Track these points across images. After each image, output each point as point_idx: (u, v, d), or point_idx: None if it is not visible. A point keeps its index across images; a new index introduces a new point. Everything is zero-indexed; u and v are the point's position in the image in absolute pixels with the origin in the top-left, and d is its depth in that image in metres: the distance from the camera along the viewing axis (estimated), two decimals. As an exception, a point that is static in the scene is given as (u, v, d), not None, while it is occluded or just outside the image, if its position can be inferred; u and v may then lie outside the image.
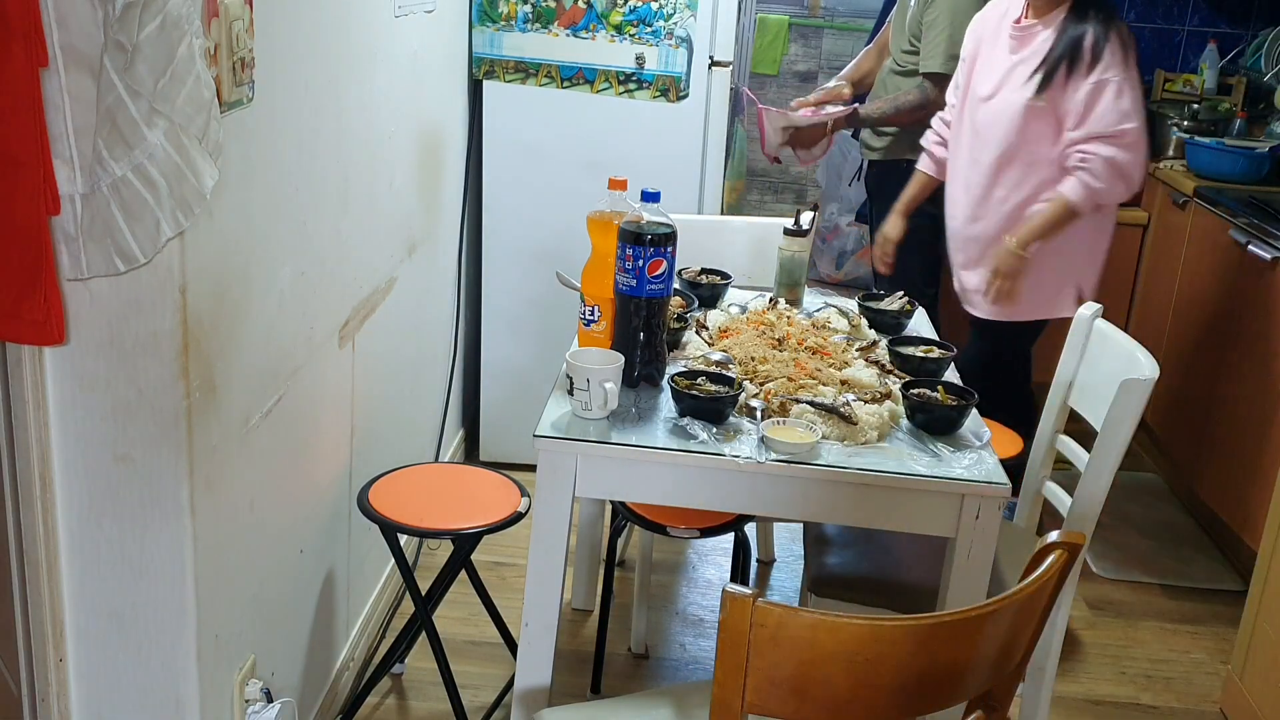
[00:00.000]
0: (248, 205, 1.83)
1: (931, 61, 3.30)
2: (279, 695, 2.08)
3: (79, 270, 1.56)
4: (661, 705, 1.89)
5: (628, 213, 2.12)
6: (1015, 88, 2.95)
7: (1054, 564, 1.41)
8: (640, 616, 2.86)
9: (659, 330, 2.14)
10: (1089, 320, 2.40)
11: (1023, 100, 2.93)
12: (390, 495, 2.35)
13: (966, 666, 1.38)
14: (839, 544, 2.40)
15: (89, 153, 1.50)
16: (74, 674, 1.80)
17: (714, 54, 3.39)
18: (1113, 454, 2.15)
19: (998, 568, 2.10)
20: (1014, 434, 2.93)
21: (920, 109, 3.32)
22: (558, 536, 1.99)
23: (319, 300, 2.21)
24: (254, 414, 1.93)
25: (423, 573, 2.90)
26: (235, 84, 1.72)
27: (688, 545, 3.38)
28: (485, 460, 3.66)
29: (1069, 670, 2.92)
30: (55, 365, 1.65)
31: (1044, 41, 2.93)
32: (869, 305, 2.59)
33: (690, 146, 3.44)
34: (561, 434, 1.97)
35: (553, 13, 3.30)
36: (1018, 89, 2.95)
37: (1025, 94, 2.92)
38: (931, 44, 3.30)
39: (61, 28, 1.45)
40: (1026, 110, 2.93)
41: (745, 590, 1.28)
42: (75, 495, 1.71)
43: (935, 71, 3.30)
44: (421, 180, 2.96)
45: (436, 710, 2.61)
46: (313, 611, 2.37)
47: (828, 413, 2.01)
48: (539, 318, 3.56)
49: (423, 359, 3.16)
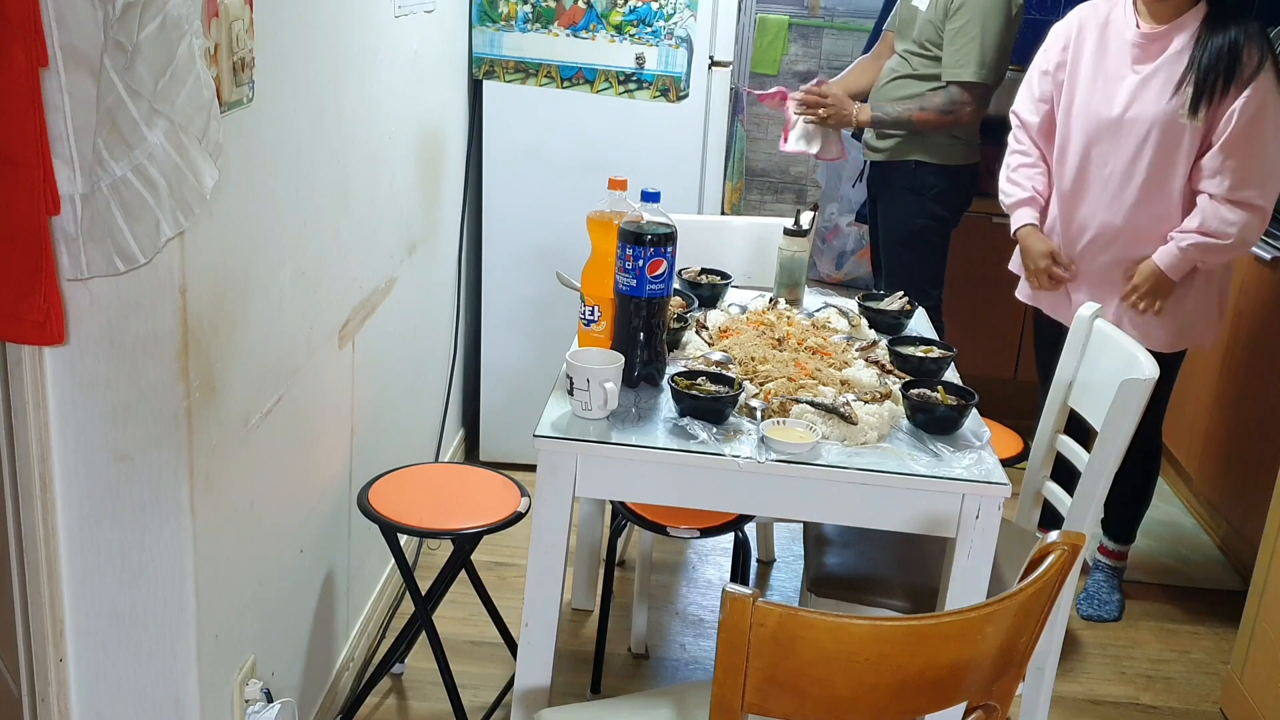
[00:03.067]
0: (248, 205, 1.83)
1: (963, 70, 3.24)
2: (279, 695, 2.08)
3: (79, 270, 1.56)
4: (661, 705, 1.89)
5: (628, 213, 2.12)
6: (1153, 102, 2.72)
7: (1054, 564, 1.41)
8: (640, 616, 2.86)
9: (659, 330, 2.14)
10: (1089, 320, 2.40)
11: (1167, 116, 2.70)
12: (390, 495, 2.35)
13: (966, 666, 1.38)
14: (839, 544, 2.40)
15: (89, 153, 1.50)
16: (74, 674, 1.80)
17: (714, 54, 3.39)
18: (1113, 454, 2.15)
19: (998, 568, 2.10)
20: (1014, 434, 2.93)
21: (946, 114, 3.28)
22: (558, 536, 1.99)
23: (319, 300, 2.21)
24: (254, 414, 1.93)
25: (423, 573, 2.90)
26: (235, 84, 1.72)
27: (688, 545, 3.38)
28: (485, 460, 3.66)
29: (1069, 670, 2.92)
30: (55, 365, 1.65)
31: (1179, 51, 2.70)
32: (869, 305, 2.59)
33: (690, 146, 3.44)
34: (561, 434, 1.97)
35: (553, 13, 3.30)
36: (1157, 103, 2.71)
37: (1167, 109, 2.70)
38: (961, 52, 3.24)
39: (61, 28, 1.45)
40: (1172, 127, 2.70)
41: (745, 590, 1.28)
42: (75, 495, 1.71)
43: (965, 80, 3.25)
44: (421, 180, 2.96)
45: (436, 710, 2.61)
46: (313, 611, 2.37)
47: (828, 413, 2.01)
48: (539, 318, 3.56)
49: (423, 359, 3.16)
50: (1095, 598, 3.17)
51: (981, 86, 3.25)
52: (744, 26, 4.67)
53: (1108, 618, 3.15)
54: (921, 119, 3.31)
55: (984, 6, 3.21)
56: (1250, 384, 3.43)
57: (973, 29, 3.22)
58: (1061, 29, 2.93)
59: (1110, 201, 2.82)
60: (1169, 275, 2.77)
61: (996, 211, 4.13)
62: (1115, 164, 2.79)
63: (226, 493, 1.85)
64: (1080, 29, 2.87)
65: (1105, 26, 2.83)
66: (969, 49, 3.23)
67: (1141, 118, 2.73)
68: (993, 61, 3.24)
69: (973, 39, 3.22)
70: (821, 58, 5.54)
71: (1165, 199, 2.76)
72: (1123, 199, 2.80)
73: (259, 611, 2.05)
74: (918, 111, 3.30)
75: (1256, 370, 3.38)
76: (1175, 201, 2.76)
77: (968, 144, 3.40)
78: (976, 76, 3.24)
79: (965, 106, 3.27)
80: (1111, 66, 2.79)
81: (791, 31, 5.49)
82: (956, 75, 3.26)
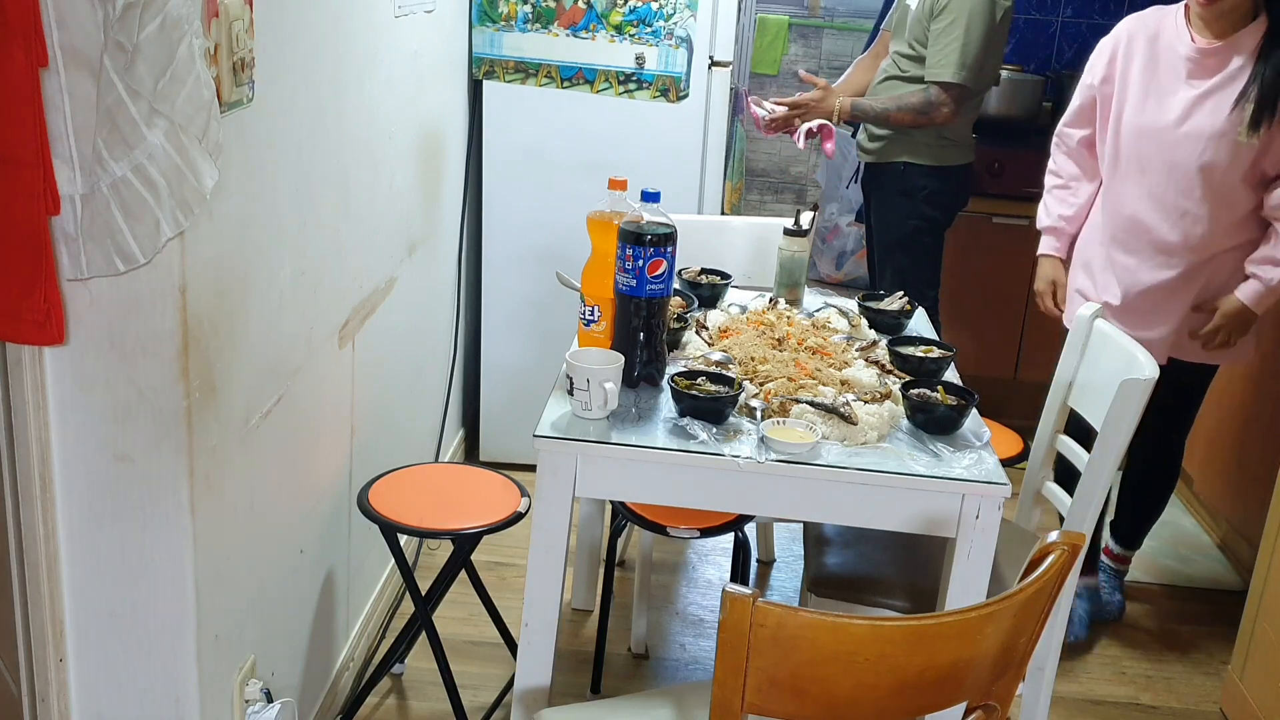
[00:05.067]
0: (248, 205, 1.83)
1: (943, 70, 3.23)
2: (279, 695, 2.08)
3: (79, 270, 1.56)
4: (661, 705, 1.89)
5: (628, 213, 2.12)
6: (1210, 118, 2.62)
7: (1054, 564, 1.41)
8: (640, 616, 2.86)
9: (659, 330, 2.14)
10: (1089, 320, 2.40)
11: (1224, 133, 2.60)
12: (390, 495, 2.35)
13: (966, 666, 1.38)
14: (839, 544, 2.40)
15: (89, 153, 1.50)
16: (74, 674, 1.80)
17: (714, 54, 3.39)
18: (1113, 454, 2.15)
19: (998, 568, 2.10)
20: (1014, 434, 2.93)
21: (921, 114, 3.27)
22: (558, 536, 1.99)
23: (319, 300, 2.21)
24: (254, 414, 1.93)
25: (423, 573, 2.90)
26: (235, 84, 1.72)
27: (688, 545, 3.38)
28: (485, 460, 3.66)
29: (1069, 670, 2.92)
30: (55, 365, 1.65)
31: (1240, 68, 2.60)
32: (869, 305, 2.59)
33: (690, 146, 3.44)
34: (561, 434, 1.97)
35: (553, 13, 3.30)
36: (1214, 119, 2.62)
37: (1224, 125, 2.60)
38: (942, 53, 3.23)
39: (61, 28, 1.45)
40: (1228, 145, 2.61)
41: (745, 590, 1.28)
42: (75, 495, 1.71)
43: (943, 81, 3.24)
44: (421, 180, 2.96)
45: (436, 710, 2.61)
46: (313, 611, 2.37)
47: (828, 413, 2.01)
48: (539, 318, 3.56)
49: (423, 359, 3.16)
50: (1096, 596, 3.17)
51: (959, 88, 3.23)
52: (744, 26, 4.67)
53: (1108, 618, 3.15)
54: (898, 118, 3.30)
55: (969, 8, 3.20)
56: (1250, 384, 3.43)
57: (956, 30, 3.21)
58: (1108, 42, 2.83)
59: (1163, 220, 2.72)
60: (1254, 310, 2.70)
61: (996, 211, 4.17)
62: (1170, 182, 2.69)
63: (226, 493, 1.85)
64: (1129, 42, 2.77)
65: (1155, 40, 2.72)
66: (950, 50, 3.22)
67: (1197, 134, 2.63)
68: (975, 63, 3.22)
69: (955, 39, 3.21)
70: (821, 58, 5.53)
71: (1220, 219, 2.68)
72: (1176, 218, 2.70)
73: (259, 611, 2.05)
74: (894, 110, 3.29)
75: (1256, 371, 3.38)
76: (1233, 222, 2.69)
77: (959, 144, 3.39)
78: (955, 77, 3.22)
79: (942, 108, 3.25)
80: (1164, 80, 2.69)
81: (791, 31, 5.49)
82: (936, 75, 3.25)
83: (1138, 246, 2.77)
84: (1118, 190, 2.80)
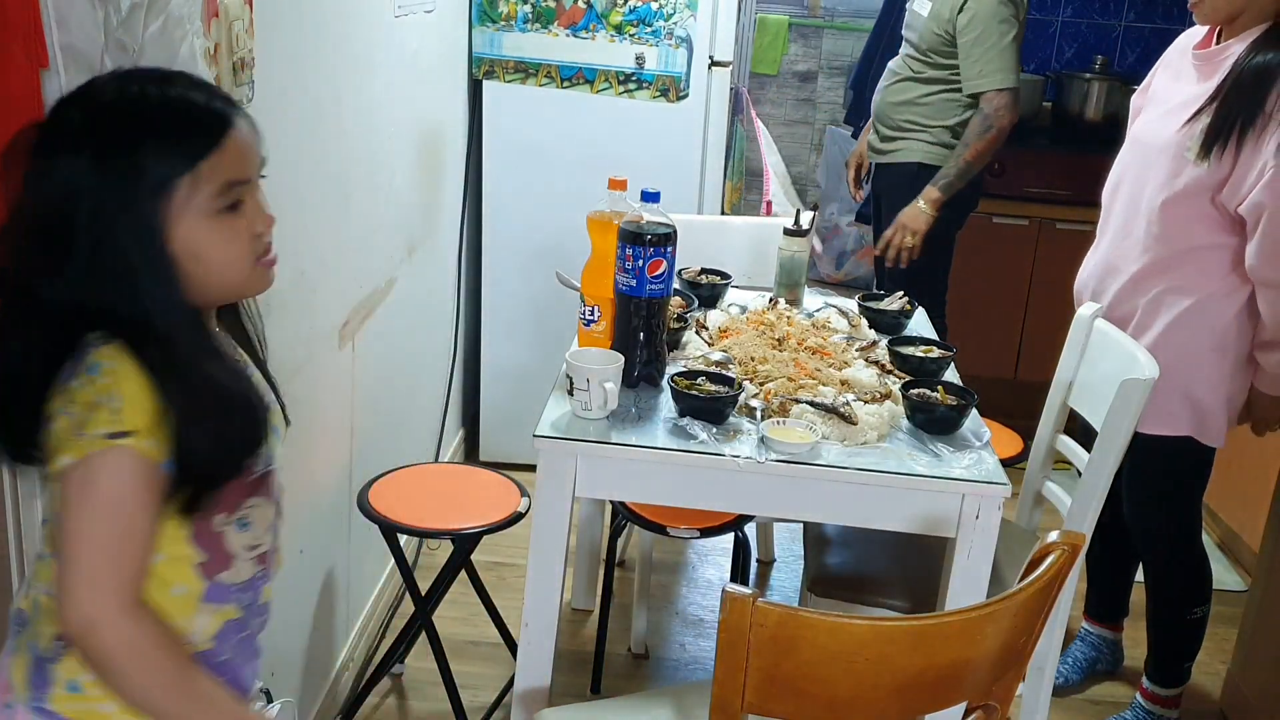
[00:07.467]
0: (248, 205, 1.82)
1: (990, 79, 3.24)
2: (279, 695, 2.08)
3: (79, 270, 1.55)
4: (661, 705, 1.89)
5: (628, 213, 2.12)
6: (1169, 126, 2.29)
7: (1054, 564, 1.41)
8: (640, 616, 2.86)
9: (659, 330, 2.14)
10: (1089, 320, 2.40)
11: (1173, 147, 2.27)
12: (390, 495, 2.35)
13: (966, 666, 1.38)
14: (839, 544, 2.40)
15: (89, 153, 1.49)
16: (74, 674, 1.80)
17: (714, 54, 3.39)
18: (1113, 454, 2.15)
19: (998, 568, 2.10)
20: (1014, 434, 2.93)
21: (987, 133, 3.25)
22: (558, 536, 1.99)
23: (318, 300, 2.21)
24: (254, 414, 1.93)
25: (423, 573, 2.90)
26: (235, 84, 1.72)
27: (688, 545, 3.38)
28: (485, 460, 3.66)
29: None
30: (55, 365, 1.64)
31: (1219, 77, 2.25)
32: (869, 305, 2.59)
33: (690, 146, 3.44)
34: (561, 434, 1.97)
35: (553, 13, 3.30)
36: (1168, 128, 2.29)
37: (1175, 138, 2.26)
38: (982, 61, 3.23)
39: (61, 28, 1.45)
40: (1177, 162, 2.26)
41: (745, 590, 1.28)
42: (75, 495, 1.71)
43: (996, 88, 3.24)
44: (421, 180, 2.96)
45: (436, 710, 2.61)
46: (312, 611, 2.37)
47: (828, 413, 2.01)
48: (539, 318, 3.56)
49: (423, 359, 3.16)
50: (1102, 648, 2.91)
51: (1012, 90, 3.26)
52: (744, 26, 4.67)
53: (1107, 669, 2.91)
54: (977, 156, 3.29)
55: (993, 13, 3.22)
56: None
57: (990, 37, 3.23)
58: (1163, 55, 2.54)
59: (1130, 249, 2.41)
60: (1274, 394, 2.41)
61: (998, 211, 4.16)
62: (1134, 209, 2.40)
63: (226, 493, 1.84)
64: (1170, 52, 2.50)
65: (1188, 49, 2.41)
66: (989, 57, 3.23)
67: (1154, 144, 2.33)
68: (1013, 63, 3.26)
69: (991, 47, 3.23)
70: (821, 58, 5.53)
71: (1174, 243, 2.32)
72: (1125, 247, 2.42)
73: (259, 611, 2.05)
74: (968, 155, 3.29)
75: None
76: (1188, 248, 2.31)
77: None
78: (1005, 82, 3.25)
79: (1003, 114, 3.26)
80: (1176, 89, 2.38)
81: (791, 31, 5.49)
82: (986, 85, 3.25)
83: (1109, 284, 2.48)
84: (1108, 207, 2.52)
